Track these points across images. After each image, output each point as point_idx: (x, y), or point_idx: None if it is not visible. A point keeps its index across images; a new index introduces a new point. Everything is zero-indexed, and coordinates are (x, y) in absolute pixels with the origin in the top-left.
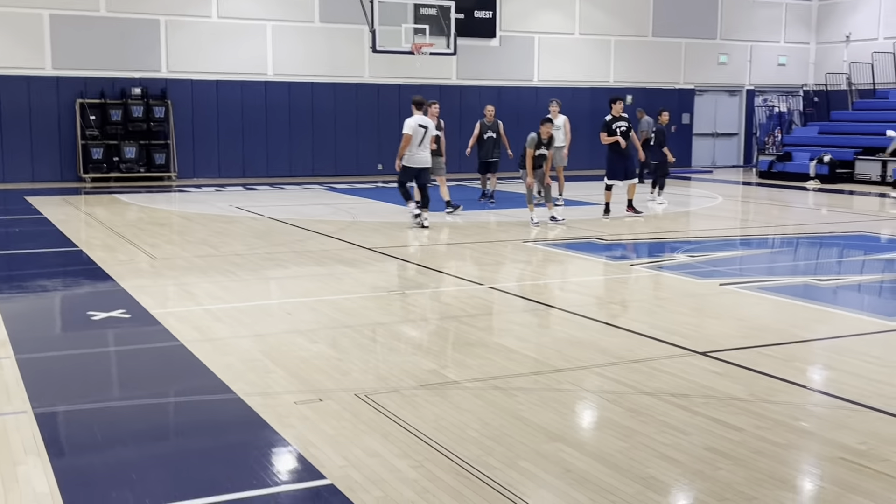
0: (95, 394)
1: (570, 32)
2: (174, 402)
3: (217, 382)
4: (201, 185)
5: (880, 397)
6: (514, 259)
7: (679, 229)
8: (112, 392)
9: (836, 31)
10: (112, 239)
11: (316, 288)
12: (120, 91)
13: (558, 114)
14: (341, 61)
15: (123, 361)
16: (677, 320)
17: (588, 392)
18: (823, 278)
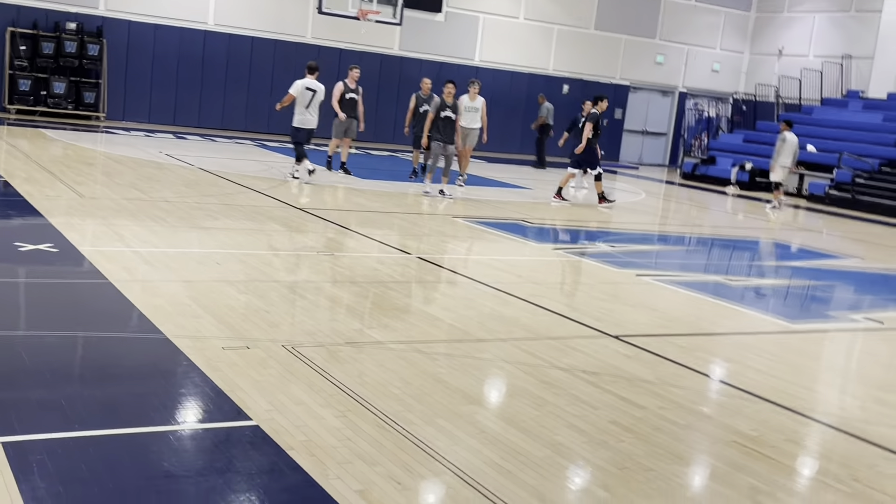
0: (23, 323)
1: (514, 16)
2: (103, 336)
3: (146, 323)
4: (130, 129)
5: (773, 391)
6: (443, 233)
7: (602, 220)
8: (40, 323)
9: (769, 44)
10: (39, 173)
11: (245, 241)
12: (54, 24)
13: (477, 95)
14: (285, 18)
15: (52, 294)
16: (594, 304)
17: (505, 362)
18: (734, 278)
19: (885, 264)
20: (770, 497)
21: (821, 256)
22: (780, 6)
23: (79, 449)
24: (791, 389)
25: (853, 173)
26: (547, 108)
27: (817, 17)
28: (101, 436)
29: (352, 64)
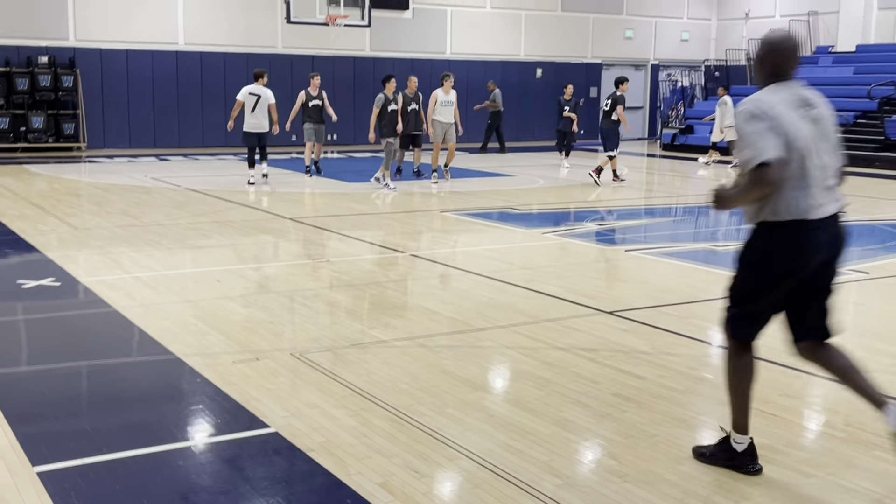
0: (39, 357)
1: (481, 6)
2: (117, 362)
3: (156, 345)
4: (112, 156)
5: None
6: (433, 228)
7: (587, 199)
8: (55, 355)
9: (735, 9)
10: (29, 209)
11: (242, 256)
12: (26, 59)
13: (451, 89)
14: (254, 31)
15: (62, 327)
16: (587, 283)
17: (506, 348)
18: (720, 244)
19: (867, 216)
20: (770, 450)
21: None
22: None
23: (109, 471)
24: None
25: None
26: (497, 94)
27: None
28: (129, 457)
29: (312, 72)
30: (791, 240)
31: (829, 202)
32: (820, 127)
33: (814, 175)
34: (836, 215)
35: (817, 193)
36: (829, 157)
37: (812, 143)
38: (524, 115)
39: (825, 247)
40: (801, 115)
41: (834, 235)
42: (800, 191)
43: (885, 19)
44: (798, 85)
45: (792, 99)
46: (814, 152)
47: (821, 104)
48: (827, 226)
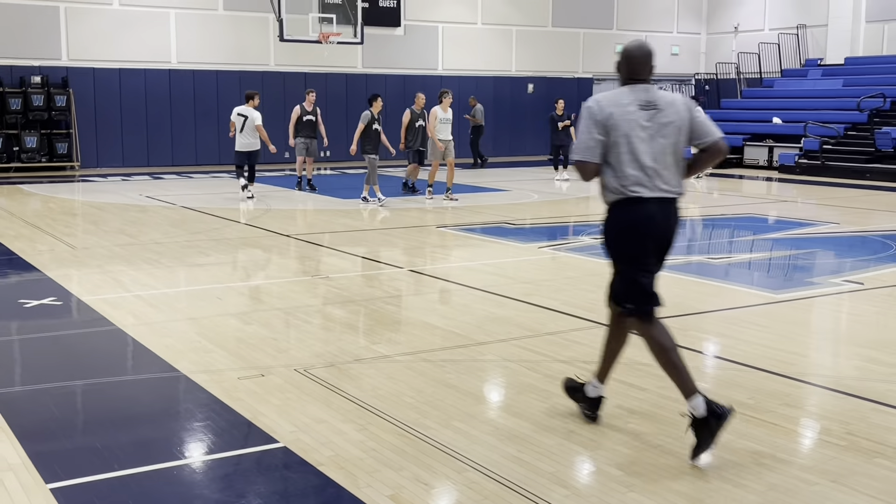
0: (45, 375)
1: (472, 22)
2: (123, 380)
3: (161, 363)
4: (106, 175)
5: (765, 359)
6: (430, 244)
7: (582, 213)
8: (61, 373)
9: (725, 23)
10: (26, 229)
11: (241, 273)
12: (19, 79)
13: (448, 106)
14: (247, 49)
15: (66, 345)
16: (585, 297)
17: (509, 361)
18: (716, 257)
19: (859, 227)
20: (772, 458)
21: (797, 226)
22: None
23: (122, 487)
24: (782, 356)
25: (820, 141)
26: (479, 109)
27: None
28: (141, 473)
29: (308, 88)
30: (632, 214)
31: (661, 186)
32: (660, 125)
33: (650, 164)
34: (667, 199)
35: (650, 179)
36: (662, 151)
37: (646, 137)
38: (516, 129)
39: (659, 223)
40: (643, 114)
41: (666, 217)
42: (632, 176)
43: (874, 32)
44: (650, 88)
45: (638, 100)
46: (646, 145)
47: (668, 107)
48: (660, 206)
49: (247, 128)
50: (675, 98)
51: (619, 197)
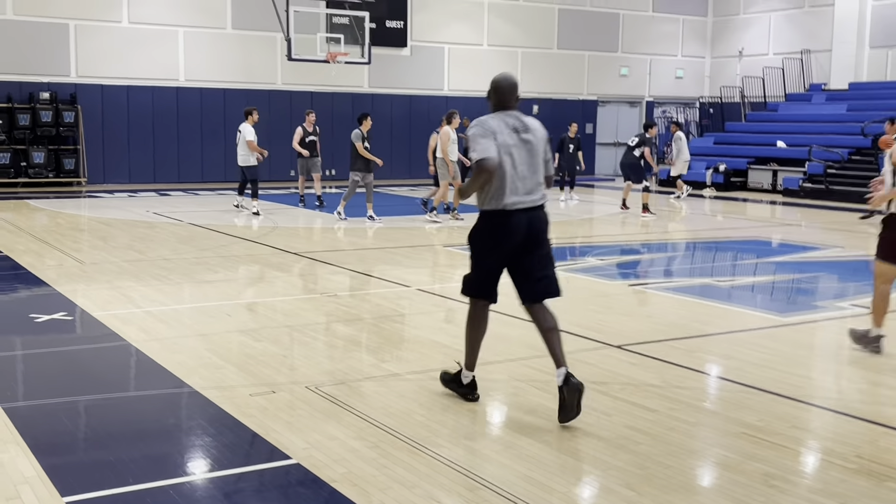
0: (59, 389)
1: (478, 43)
2: (137, 395)
3: (173, 378)
4: (112, 191)
5: (773, 382)
6: (437, 263)
7: (588, 234)
8: (74, 387)
9: (729, 47)
10: (35, 244)
11: (250, 291)
12: (28, 95)
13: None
14: (254, 68)
15: (77, 360)
16: (593, 318)
17: (518, 381)
18: (721, 279)
19: (864, 251)
20: (782, 480)
21: (802, 249)
22: (735, 9)
23: (137, 501)
24: (789, 379)
25: (824, 165)
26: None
27: (773, 15)
28: (156, 487)
29: (308, 109)
30: (496, 223)
31: (528, 198)
32: (528, 145)
33: (521, 178)
34: (534, 208)
35: (519, 190)
36: (530, 167)
37: (517, 155)
38: None
39: (522, 231)
40: (513, 136)
41: (529, 222)
42: (505, 188)
43: (877, 58)
44: (516, 113)
45: (508, 123)
46: (517, 162)
47: (534, 129)
48: (528, 215)
49: (240, 143)
50: (538, 124)
51: (490, 206)
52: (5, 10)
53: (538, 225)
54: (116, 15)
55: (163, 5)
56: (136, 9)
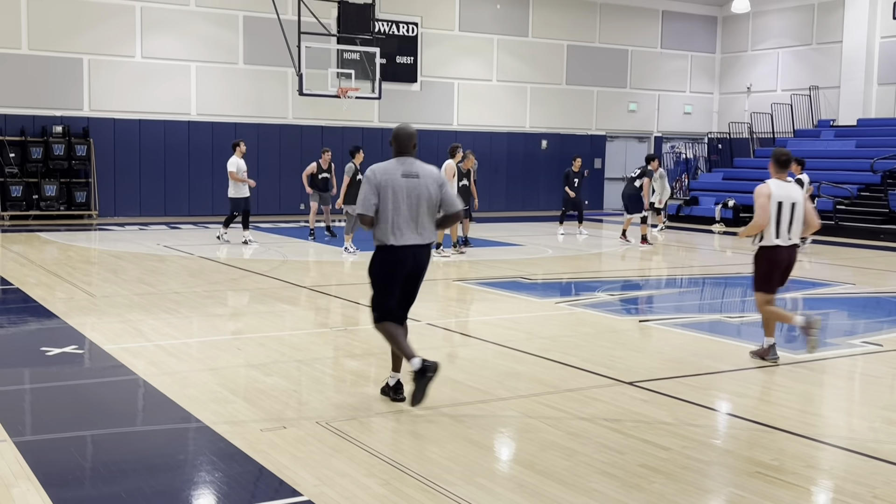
0: (70, 424)
1: (488, 79)
2: (146, 429)
3: (183, 413)
4: (123, 224)
5: (786, 420)
6: (447, 297)
7: (597, 269)
8: (86, 422)
9: (737, 83)
10: (46, 277)
11: (260, 324)
12: (41, 129)
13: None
14: (265, 102)
15: (88, 394)
16: (604, 353)
17: (530, 418)
18: (731, 315)
19: (875, 288)
20: None
21: (813, 286)
22: (743, 45)
23: None
24: (802, 417)
25: (834, 201)
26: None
27: (781, 52)
28: None
29: (325, 147)
30: (386, 257)
31: (414, 237)
32: (417, 190)
33: (405, 219)
34: (419, 245)
35: (403, 230)
36: (418, 208)
37: (406, 198)
38: (530, 185)
39: (408, 265)
40: (405, 181)
41: (414, 257)
42: (393, 227)
43: (886, 94)
44: (411, 160)
45: (401, 169)
46: (405, 204)
47: (425, 175)
48: (412, 252)
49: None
50: (432, 170)
51: (381, 242)
52: (20, 45)
53: (423, 263)
54: (130, 50)
55: (176, 41)
56: (149, 44)
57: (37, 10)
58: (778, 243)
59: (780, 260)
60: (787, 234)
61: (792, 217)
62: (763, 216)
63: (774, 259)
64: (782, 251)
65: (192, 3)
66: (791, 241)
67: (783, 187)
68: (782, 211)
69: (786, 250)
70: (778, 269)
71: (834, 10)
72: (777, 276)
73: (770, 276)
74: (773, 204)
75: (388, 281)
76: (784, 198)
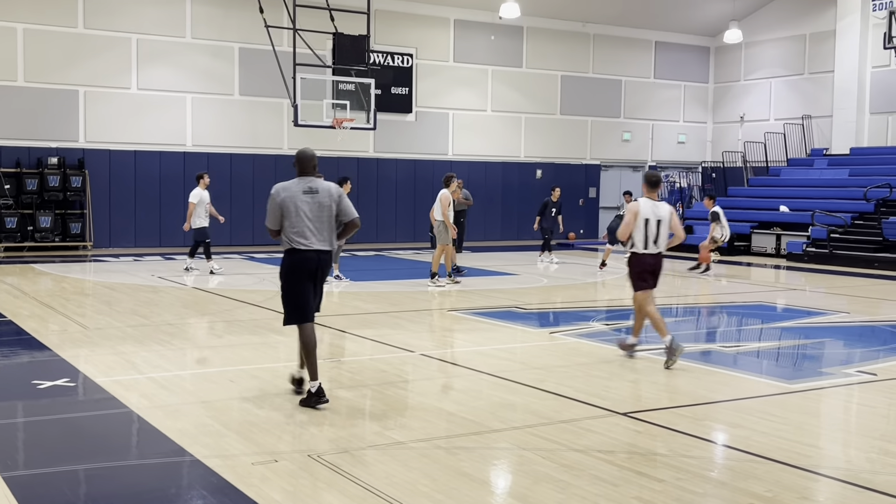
0: (59, 457)
1: (482, 109)
2: (137, 463)
3: (174, 446)
4: (118, 255)
5: (781, 451)
6: (442, 328)
7: (591, 299)
8: (75, 455)
9: (731, 112)
10: (39, 309)
11: (253, 356)
12: (36, 160)
13: None
14: (261, 133)
15: (79, 427)
16: (598, 384)
17: (523, 450)
18: (726, 345)
19: (870, 317)
20: None
21: (808, 314)
22: (736, 75)
23: None
24: (798, 448)
25: (828, 230)
26: (465, 193)
27: (773, 82)
28: None
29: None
30: (294, 258)
31: (317, 242)
32: (317, 203)
33: (309, 228)
34: (321, 250)
35: (309, 237)
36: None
37: (307, 210)
38: (524, 214)
39: (313, 265)
40: (305, 197)
41: (318, 258)
42: (298, 234)
43: (878, 123)
44: (310, 178)
45: (303, 187)
46: (306, 216)
47: (323, 191)
48: (316, 256)
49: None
50: (330, 186)
51: (289, 246)
52: (16, 77)
53: (325, 267)
54: (126, 81)
55: (172, 72)
56: (145, 75)
57: (33, 42)
58: (645, 251)
59: (647, 264)
60: (654, 245)
61: (658, 231)
62: (625, 230)
63: (643, 263)
64: (648, 257)
65: (189, 34)
66: (657, 249)
67: (651, 206)
68: (649, 226)
69: (651, 257)
70: (647, 272)
71: (825, 41)
72: (647, 277)
73: (642, 277)
74: (640, 220)
75: (298, 279)
76: (651, 215)
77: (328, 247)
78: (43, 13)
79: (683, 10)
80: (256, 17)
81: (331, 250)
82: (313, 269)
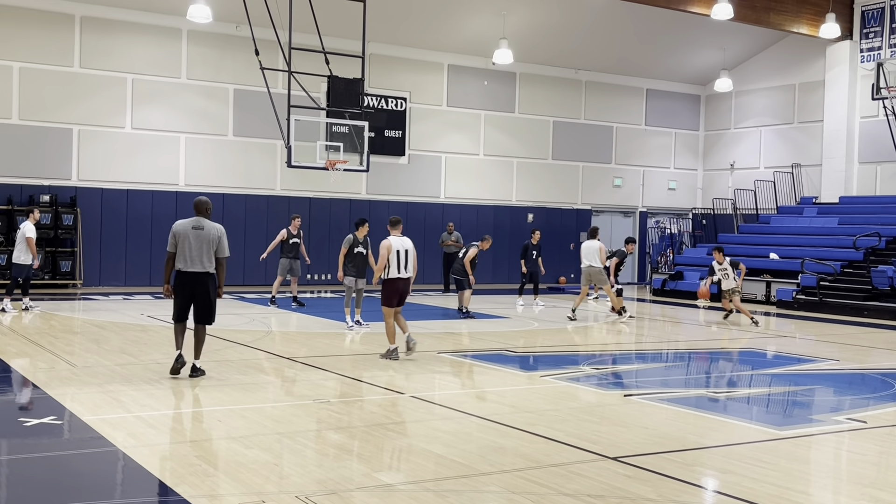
0: (44, 497)
1: (475, 153)
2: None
3: (161, 486)
4: (108, 294)
5: (771, 497)
6: (431, 370)
7: (582, 343)
8: (60, 495)
9: (721, 160)
10: (28, 347)
11: (242, 396)
12: (28, 198)
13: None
14: (254, 174)
15: (65, 466)
16: (588, 428)
17: (513, 493)
18: (717, 391)
19: (859, 364)
20: None
21: (797, 361)
22: (726, 123)
23: None
24: (788, 495)
25: (817, 277)
26: (457, 235)
27: (763, 130)
28: None
29: (294, 214)
30: (179, 278)
31: (196, 266)
32: (202, 237)
33: (190, 255)
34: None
35: (189, 262)
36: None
37: (192, 241)
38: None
39: (190, 284)
40: (193, 232)
41: (195, 281)
42: (182, 261)
43: (866, 172)
44: (199, 218)
45: (193, 223)
46: (191, 247)
47: (208, 228)
48: (193, 276)
49: (19, 240)
50: (214, 225)
51: (179, 269)
52: (11, 115)
53: (202, 284)
54: (120, 121)
55: (166, 112)
56: (139, 115)
57: (29, 81)
58: (397, 276)
59: (398, 286)
60: (404, 270)
61: (407, 259)
62: (381, 261)
63: (394, 286)
64: (400, 281)
65: (184, 75)
66: (407, 275)
67: (398, 240)
68: (399, 256)
69: (402, 281)
70: (396, 293)
71: (815, 91)
72: (396, 297)
73: (391, 297)
74: (393, 252)
75: (179, 293)
76: (400, 247)
77: (208, 270)
78: (39, 52)
79: (675, 58)
80: (251, 58)
81: (209, 274)
82: (192, 287)
